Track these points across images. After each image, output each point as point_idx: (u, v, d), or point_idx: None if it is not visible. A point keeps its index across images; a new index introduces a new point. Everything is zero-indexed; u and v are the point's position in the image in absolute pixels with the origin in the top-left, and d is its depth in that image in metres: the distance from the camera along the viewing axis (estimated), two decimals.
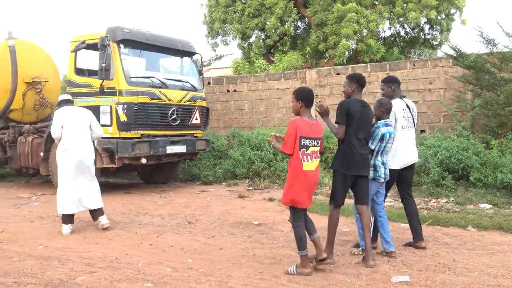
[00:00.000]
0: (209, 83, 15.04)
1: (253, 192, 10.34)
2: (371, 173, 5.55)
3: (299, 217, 5.02)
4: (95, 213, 7.28)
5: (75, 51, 10.25)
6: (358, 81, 5.51)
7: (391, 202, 8.84)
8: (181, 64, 11.60)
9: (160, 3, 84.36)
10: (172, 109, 10.29)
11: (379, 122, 5.57)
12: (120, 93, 9.65)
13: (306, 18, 19.80)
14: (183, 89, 10.72)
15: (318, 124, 5.04)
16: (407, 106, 5.95)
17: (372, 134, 5.51)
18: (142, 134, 9.90)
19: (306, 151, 4.88)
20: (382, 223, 5.67)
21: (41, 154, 10.80)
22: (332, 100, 13.16)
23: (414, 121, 6.02)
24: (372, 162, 5.56)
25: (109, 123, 9.72)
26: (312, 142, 4.91)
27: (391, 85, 6.04)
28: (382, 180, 5.62)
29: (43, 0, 77.58)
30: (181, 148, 10.49)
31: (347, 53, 17.49)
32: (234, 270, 5.19)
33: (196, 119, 10.92)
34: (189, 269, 5.23)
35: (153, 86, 10.10)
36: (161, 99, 10.09)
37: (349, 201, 6.18)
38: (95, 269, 5.28)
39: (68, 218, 7.00)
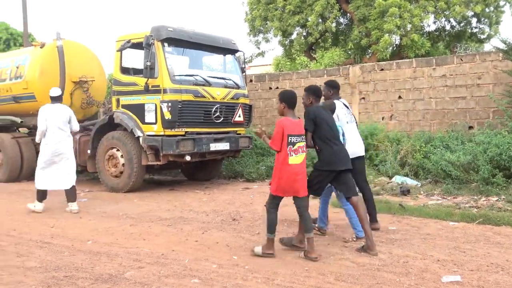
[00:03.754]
0: (251, 81, 15.04)
1: None
2: None
3: (275, 205, 5.58)
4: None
5: (121, 50, 10.43)
6: (314, 93, 5.94)
7: (439, 200, 8.64)
8: (223, 62, 11.65)
9: (202, 1, 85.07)
10: (216, 106, 10.34)
11: None
12: (165, 91, 9.75)
13: (348, 14, 19.56)
14: (226, 86, 10.76)
15: (301, 122, 5.58)
16: (344, 105, 6.74)
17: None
18: (186, 132, 9.98)
19: (293, 147, 5.41)
20: (325, 206, 6.49)
21: (88, 151, 11.04)
22: (377, 97, 12.96)
23: (354, 117, 6.92)
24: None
25: (153, 121, 9.85)
26: (298, 138, 5.45)
27: (331, 89, 6.79)
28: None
29: (90, 0, 79.41)
30: (224, 146, 10.53)
31: (390, 48, 17.18)
32: (280, 267, 5.16)
33: (239, 117, 10.94)
34: (235, 266, 5.24)
35: (197, 84, 10.17)
36: (205, 97, 10.15)
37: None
38: (143, 264, 5.35)
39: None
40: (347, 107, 6.80)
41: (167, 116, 9.70)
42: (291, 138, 5.38)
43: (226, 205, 8.83)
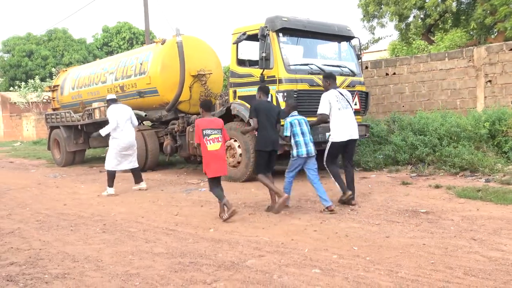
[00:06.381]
0: (366, 67, 14.64)
1: (417, 179, 9.87)
2: (294, 151, 7.51)
3: (214, 185, 7.30)
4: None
5: (237, 42, 10.62)
6: (263, 90, 7.91)
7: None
8: (339, 49, 11.44)
9: None
10: None
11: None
12: (280, 81, 9.80)
13: None
14: (341, 74, 10.55)
15: (216, 120, 7.50)
16: (340, 93, 7.79)
17: (284, 126, 7.62)
18: None
19: (208, 137, 7.18)
20: (317, 188, 7.46)
21: None
22: (505, 79, 12.04)
23: (349, 103, 7.82)
24: (293, 142, 7.51)
25: None
26: (212, 131, 7.22)
27: (328, 80, 7.95)
28: (305, 155, 7.45)
29: None
30: None
31: None
32: (403, 259, 4.98)
33: (355, 105, 10.65)
34: (355, 257, 5.13)
35: (312, 73, 10.09)
36: (320, 86, 10.02)
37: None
38: (263, 253, 5.41)
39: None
40: (342, 95, 7.78)
41: (283, 106, 9.72)
42: (205, 131, 7.17)
43: None
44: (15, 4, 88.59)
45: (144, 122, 15.11)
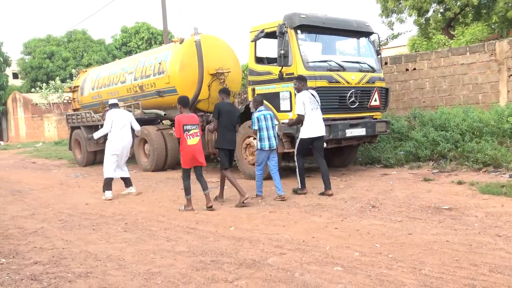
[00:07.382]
0: (386, 63, 14.49)
1: (439, 175, 9.73)
2: (258, 144, 8.47)
3: (187, 175, 8.01)
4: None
5: (255, 40, 10.58)
6: (224, 92, 8.62)
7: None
8: (357, 45, 11.33)
9: None
10: (351, 91, 10.10)
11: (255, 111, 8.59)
12: None
13: None
14: (361, 70, 10.46)
15: (194, 116, 8.16)
16: (312, 95, 8.53)
17: (252, 120, 8.53)
18: None
19: (189, 133, 7.80)
20: (275, 179, 8.52)
21: None
22: None
23: (319, 104, 8.60)
24: (258, 136, 8.45)
25: (289, 109, 9.89)
26: (192, 127, 7.87)
27: (301, 82, 8.65)
28: (267, 149, 8.42)
29: None
30: (360, 131, 10.27)
31: None
32: (426, 256, 4.91)
33: (375, 101, 10.60)
34: (378, 254, 5.08)
35: (331, 69, 10.01)
36: (339, 82, 9.97)
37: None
38: (284, 250, 5.39)
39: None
40: (314, 96, 8.52)
41: None
42: (185, 127, 7.78)
43: (364, 191, 8.63)
44: (35, 7, 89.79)
45: (163, 122, 15.19)
